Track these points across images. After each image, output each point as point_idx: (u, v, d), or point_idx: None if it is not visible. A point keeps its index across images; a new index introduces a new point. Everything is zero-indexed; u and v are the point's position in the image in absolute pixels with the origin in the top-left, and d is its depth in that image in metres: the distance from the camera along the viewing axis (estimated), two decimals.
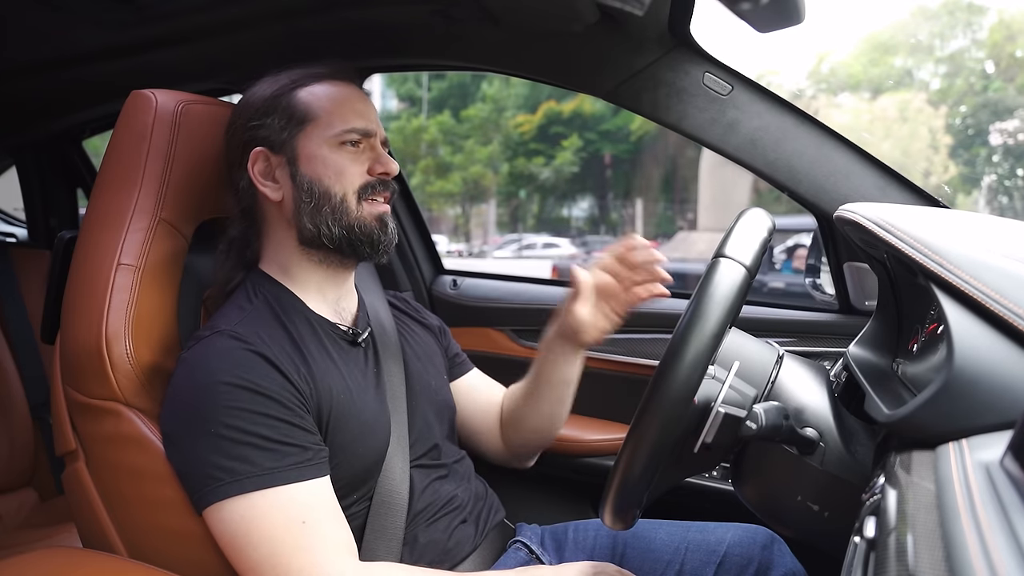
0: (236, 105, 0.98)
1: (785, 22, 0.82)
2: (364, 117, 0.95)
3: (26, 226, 2.32)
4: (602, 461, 1.48)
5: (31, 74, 1.54)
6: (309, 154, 0.92)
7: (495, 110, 19.66)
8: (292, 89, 0.94)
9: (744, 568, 1.03)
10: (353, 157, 0.93)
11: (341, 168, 0.92)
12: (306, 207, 0.92)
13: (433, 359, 1.11)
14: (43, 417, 1.77)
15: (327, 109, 0.93)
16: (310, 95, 0.94)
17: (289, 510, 0.79)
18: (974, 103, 16.76)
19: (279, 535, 0.78)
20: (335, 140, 0.92)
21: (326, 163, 0.92)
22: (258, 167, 0.94)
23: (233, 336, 0.84)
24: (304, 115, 0.93)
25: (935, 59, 18.21)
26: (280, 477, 0.79)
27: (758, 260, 0.69)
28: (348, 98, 0.95)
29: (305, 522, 0.79)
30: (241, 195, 0.96)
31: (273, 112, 0.93)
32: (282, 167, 0.93)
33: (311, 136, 0.92)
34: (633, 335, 1.54)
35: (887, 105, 16.89)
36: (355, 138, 0.93)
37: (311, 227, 0.92)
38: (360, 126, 0.94)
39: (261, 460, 0.79)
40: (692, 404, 0.68)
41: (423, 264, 1.82)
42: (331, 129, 0.92)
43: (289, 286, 0.96)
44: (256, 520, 0.78)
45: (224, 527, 0.80)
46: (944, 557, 0.39)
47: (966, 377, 0.55)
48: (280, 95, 0.94)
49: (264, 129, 0.93)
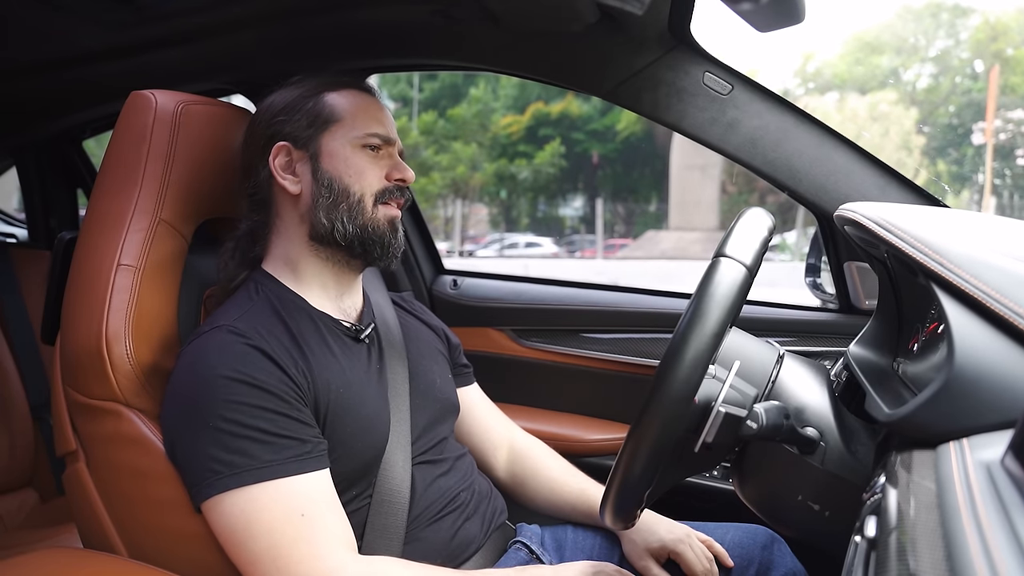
0: (260, 105, 1.01)
1: (785, 22, 0.82)
2: (385, 125, 0.99)
3: (26, 226, 2.32)
4: (602, 461, 1.48)
5: (31, 74, 1.54)
6: (332, 152, 0.95)
7: (481, 111, 19.69)
8: (319, 92, 0.97)
9: (744, 568, 1.03)
10: (373, 161, 0.97)
11: (361, 169, 0.95)
12: (324, 202, 0.94)
13: (437, 358, 1.11)
14: (43, 417, 1.78)
15: (352, 112, 0.97)
16: (337, 98, 0.97)
17: (288, 502, 0.79)
18: (960, 102, 16.84)
19: (278, 527, 0.78)
20: (358, 142, 0.96)
21: (348, 162, 0.95)
22: (279, 160, 0.96)
23: (232, 331, 0.85)
24: (330, 115, 0.96)
25: (920, 59, 18.30)
26: (279, 470, 0.80)
27: (758, 259, 0.69)
28: (371, 106, 0.99)
29: (304, 514, 0.79)
30: (257, 186, 0.98)
31: (299, 110, 0.96)
32: (304, 162, 0.96)
33: (335, 135, 0.95)
34: (633, 335, 1.54)
35: (867, 104, 17.01)
36: (376, 142, 0.97)
37: (325, 222, 0.94)
38: (382, 132, 0.98)
39: (260, 453, 0.79)
40: (693, 404, 0.67)
41: (423, 264, 1.82)
42: (355, 131, 0.96)
43: (293, 285, 0.96)
44: (255, 513, 0.78)
45: (223, 521, 0.80)
46: (945, 556, 0.39)
47: (967, 376, 0.55)
48: (307, 96, 0.97)
49: (289, 125, 0.96)
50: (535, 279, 1.76)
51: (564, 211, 23.27)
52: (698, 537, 1.05)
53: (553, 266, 16.20)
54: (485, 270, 1.89)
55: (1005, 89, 16.35)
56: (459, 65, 1.48)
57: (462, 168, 19.24)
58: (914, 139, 16.83)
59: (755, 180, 1.71)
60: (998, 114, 15.77)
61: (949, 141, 17.55)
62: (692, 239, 18.39)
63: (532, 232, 21.36)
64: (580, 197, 22.94)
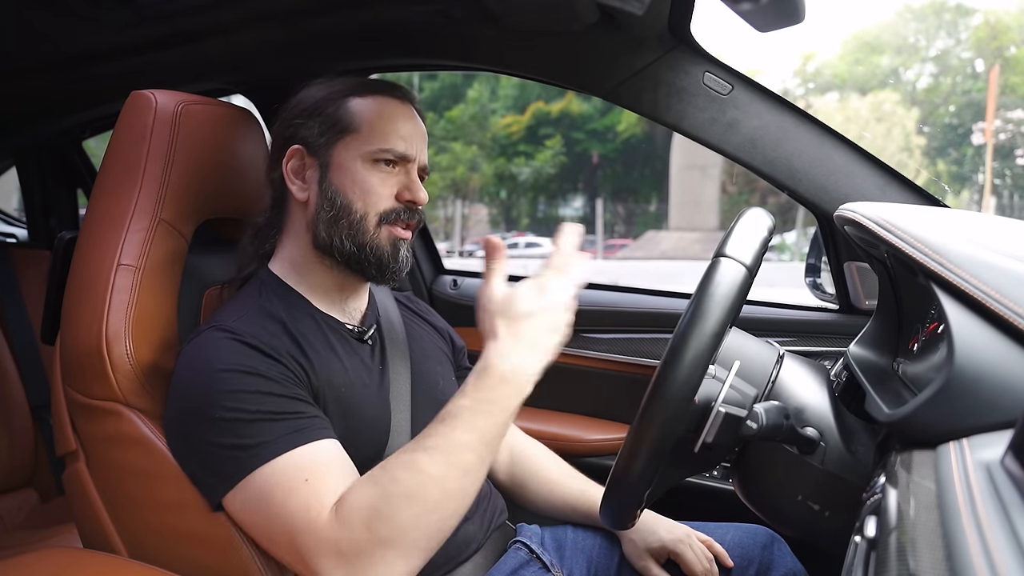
0: (288, 102, 0.98)
1: (785, 21, 0.82)
2: (406, 140, 0.93)
3: (26, 226, 2.32)
4: (602, 461, 1.48)
5: (31, 74, 1.55)
6: (341, 164, 0.92)
7: (478, 112, 19.70)
8: (343, 96, 0.94)
9: (744, 568, 1.03)
10: (384, 178, 0.92)
11: (369, 187, 0.92)
12: (325, 215, 0.92)
13: (441, 359, 1.11)
14: (43, 417, 1.78)
15: (371, 123, 0.92)
16: (358, 105, 0.93)
17: (295, 473, 0.78)
18: (960, 102, 16.87)
19: (290, 498, 0.77)
20: (370, 156, 0.91)
21: (355, 178, 0.91)
22: (292, 164, 0.94)
23: (228, 331, 0.85)
24: (347, 124, 0.92)
25: (921, 58, 18.34)
26: (283, 444, 0.78)
27: (758, 259, 0.69)
28: (395, 117, 0.94)
29: (308, 479, 0.78)
30: (273, 185, 0.97)
31: (319, 115, 0.93)
32: (313, 169, 0.94)
33: (348, 147, 0.92)
34: (633, 335, 1.54)
35: (868, 104, 17.05)
36: (390, 158, 0.92)
37: (325, 236, 0.92)
38: (399, 149, 0.92)
39: (267, 433, 0.78)
40: (692, 404, 0.68)
41: (423, 264, 1.82)
42: (369, 145, 0.91)
43: (297, 286, 0.96)
44: (272, 488, 0.77)
45: (250, 504, 0.79)
46: (945, 556, 0.39)
47: (966, 376, 0.55)
48: (330, 99, 0.93)
49: (305, 129, 0.94)
50: None
51: (564, 211, 23.30)
52: (698, 537, 1.05)
53: None
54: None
55: (1005, 89, 16.38)
56: (459, 65, 1.49)
57: (461, 169, 19.26)
58: (914, 139, 16.86)
59: (755, 180, 1.72)
60: (998, 114, 15.79)
61: (949, 141, 17.58)
62: (692, 239, 18.41)
63: (532, 232, 21.38)
64: (580, 197, 22.98)
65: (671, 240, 18.99)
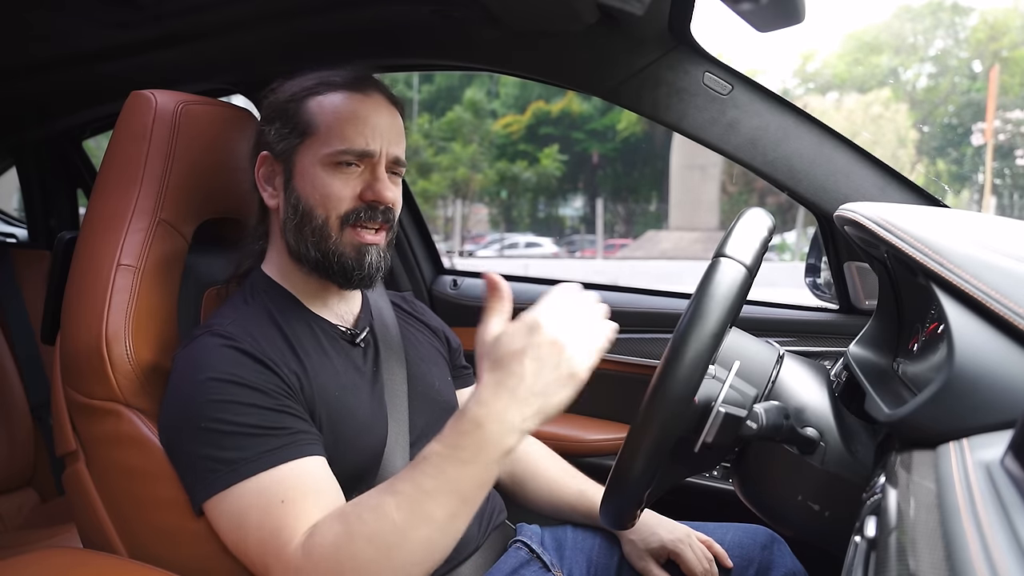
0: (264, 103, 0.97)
1: (785, 21, 0.82)
2: (369, 136, 0.89)
3: (26, 226, 2.32)
4: (602, 461, 1.48)
5: (31, 74, 1.55)
6: (302, 170, 0.90)
7: (475, 114, 19.70)
8: (304, 97, 0.91)
9: (744, 568, 1.03)
10: (346, 180, 0.89)
11: (328, 191, 0.88)
12: (291, 222, 0.91)
13: (437, 360, 1.11)
14: (43, 417, 1.78)
15: (329, 124, 0.89)
16: (317, 106, 0.90)
17: (273, 492, 0.77)
18: (959, 102, 16.89)
19: (264, 518, 0.76)
20: (329, 159, 0.88)
21: (315, 183, 0.89)
22: (263, 171, 0.94)
23: (222, 335, 0.84)
24: (306, 127, 0.90)
25: (919, 58, 18.37)
26: (265, 462, 0.78)
27: (758, 259, 0.69)
28: (356, 114, 0.89)
29: (284, 501, 0.77)
30: (256, 190, 0.96)
31: (280, 118, 0.92)
32: (279, 176, 0.93)
33: (308, 150, 0.89)
34: (633, 335, 1.54)
35: (866, 104, 17.09)
36: (349, 160, 0.89)
37: (293, 243, 0.91)
38: (358, 147, 0.88)
39: (250, 448, 0.78)
40: (692, 404, 0.68)
41: (423, 264, 1.82)
42: (327, 147, 0.88)
43: (290, 289, 0.96)
44: (246, 508, 0.77)
45: (224, 519, 0.79)
46: (945, 556, 0.39)
47: (966, 376, 0.55)
48: (291, 101, 0.91)
49: (269, 135, 0.92)
50: (535, 279, 1.76)
51: (564, 211, 23.31)
52: (698, 537, 1.05)
53: (553, 266, 16.23)
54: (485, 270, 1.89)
55: (1004, 89, 16.39)
56: (459, 65, 1.48)
57: (462, 170, 19.27)
58: (912, 137, 16.89)
59: (755, 180, 1.71)
60: (997, 114, 15.81)
61: (949, 141, 17.59)
62: (692, 239, 18.41)
63: (532, 232, 21.40)
64: (580, 197, 22.98)
65: (671, 240, 19.01)
